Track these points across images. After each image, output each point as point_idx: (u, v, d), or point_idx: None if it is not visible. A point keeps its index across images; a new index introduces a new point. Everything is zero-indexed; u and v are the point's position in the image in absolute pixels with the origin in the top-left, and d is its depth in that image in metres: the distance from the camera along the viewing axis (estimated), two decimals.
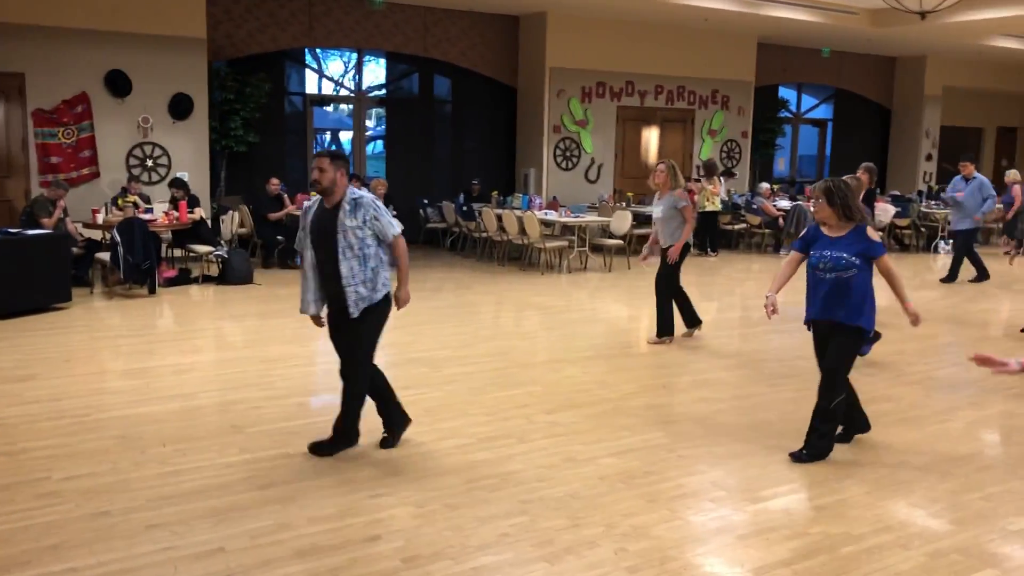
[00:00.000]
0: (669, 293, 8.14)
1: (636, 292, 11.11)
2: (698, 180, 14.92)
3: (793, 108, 19.45)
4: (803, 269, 5.28)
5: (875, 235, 5.09)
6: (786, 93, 19.16)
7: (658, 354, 7.91)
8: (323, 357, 7.55)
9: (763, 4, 14.20)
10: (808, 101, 19.94)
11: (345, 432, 5.07)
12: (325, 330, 5.18)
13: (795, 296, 5.87)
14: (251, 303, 9.79)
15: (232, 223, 11.64)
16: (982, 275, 12.07)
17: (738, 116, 17.17)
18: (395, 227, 5.03)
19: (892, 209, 14.87)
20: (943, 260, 14.71)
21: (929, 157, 20.06)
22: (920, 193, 17.70)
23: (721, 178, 14.85)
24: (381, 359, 7.68)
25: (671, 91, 16.35)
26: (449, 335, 8.41)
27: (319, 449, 5.05)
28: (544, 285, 11.58)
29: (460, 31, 14.91)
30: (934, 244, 15.59)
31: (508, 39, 15.39)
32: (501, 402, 6.18)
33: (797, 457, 5.14)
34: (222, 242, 11.35)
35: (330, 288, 4.92)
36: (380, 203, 5.05)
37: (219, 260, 10.90)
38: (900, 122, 20.26)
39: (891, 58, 19.93)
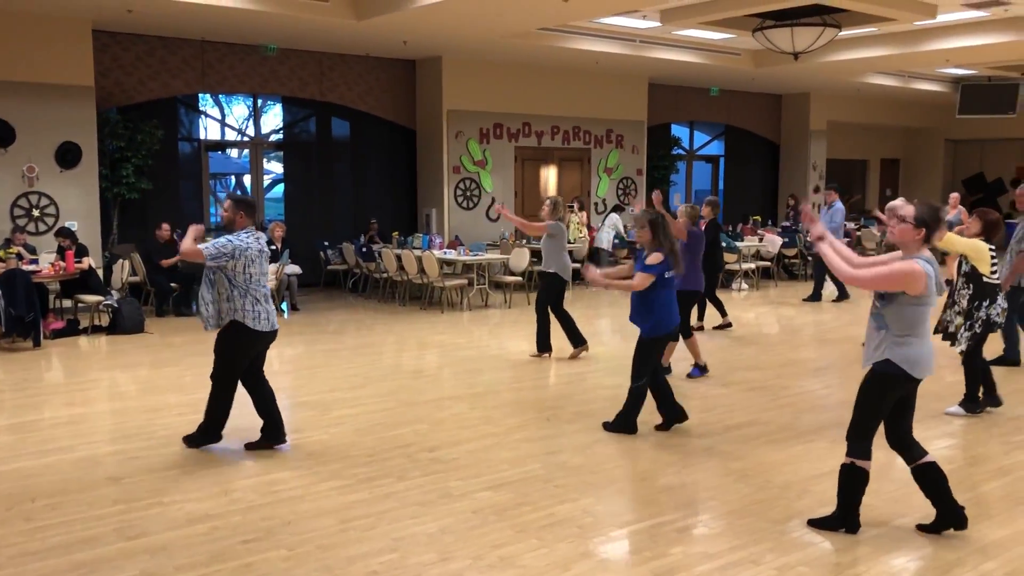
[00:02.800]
0: (550, 312, 9.15)
1: (535, 327, 11.29)
2: (570, 208, 15.49)
3: (686, 145, 20.14)
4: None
5: (655, 259, 6.14)
6: (679, 131, 19.85)
7: (546, 388, 8.10)
8: None
9: (651, 47, 14.76)
10: (700, 138, 20.69)
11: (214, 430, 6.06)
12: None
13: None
14: (142, 352, 9.64)
15: (123, 271, 11.46)
16: (842, 294, 13.15)
17: (633, 154, 17.71)
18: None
19: (779, 240, 15.50)
20: (829, 288, 15.38)
21: (817, 189, 20.97)
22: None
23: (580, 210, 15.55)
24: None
25: (567, 131, 16.79)
26: (342, 377, 8.44)
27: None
28: (445, 323, 11.70)
29: (357, 75, 15.08)
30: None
31: (405, 82, 15.62)
32: (385, 442, 6.25)
33: (606, 425, 6.49)
34: (112, 291, 11.15)
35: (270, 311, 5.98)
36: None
37: (109, 310, 10.70)
38: (788, 156, 21.17)
39: (777, 95, 20.86)
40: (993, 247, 6.79)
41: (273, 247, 12.59)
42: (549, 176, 16.93)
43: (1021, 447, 6.20)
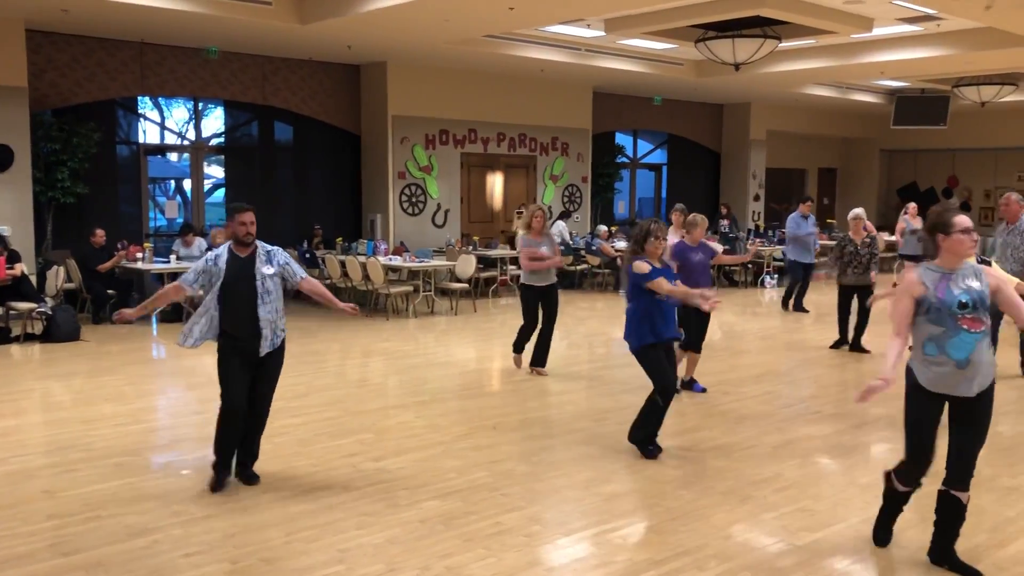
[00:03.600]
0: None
1: (482, 334, 11.32)
2: (518, 214, 15.60)
3: (630, 153, 20.34)
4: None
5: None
6: (623, 139, 20.04)
7: (492, 395, 8.10)
8: (148, 415, 7.36)
9: (595, 56, 14.88)
10: (644, 146, 20.92)
11: (241, 461, 5.52)
12: (154, 387, 5.24)
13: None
14: (78, 361, 9.39)
15: (57, 278, 11.16)
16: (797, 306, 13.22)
17: (578, 162, 17.83)
18: (301, 272, 5.68)
19: (720, 247, 15.69)
20: (769, 294, 15.67)
21: (757, 197, 21.36)
22: (749, 232, 18.78)
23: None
24: (208, 414, 7.55)
25: (513, 138, 16.83)
26: (285, 386, 8.22)
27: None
28: (390, 331, 11.62)
29: (300, 80, 14.92)
30: (760, 279, 16.55)
31: (350, 87, 15.51)
32: (329, 452, 6.18)
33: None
34: (46, 298, 10.85)
35: (245, 329, 5.30)
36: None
37: (43, 317, 10.41)
38: (729, 165, 21.52)
39: (718, 105, 21.19)
40: None
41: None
42: (495, 183, 16.96)
43: None
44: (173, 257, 12.31)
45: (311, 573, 4.24)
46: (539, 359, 8.78)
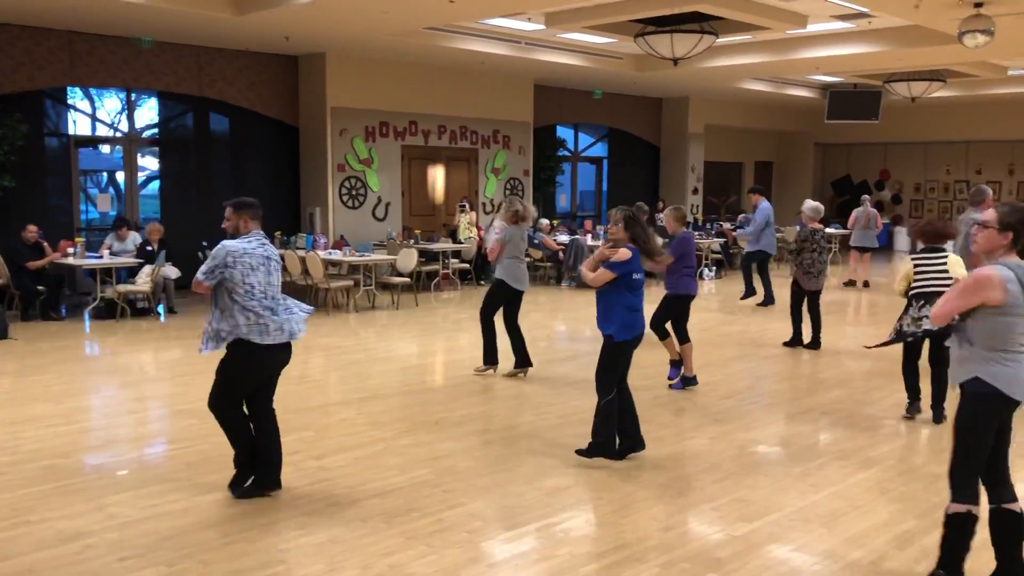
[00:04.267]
0: (494, 322, 8.60)
1: (424, 329, 11.27)
2: (461, 208, 15.62)
3: (571, 147, 20.44)
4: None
5: (622, 256, 5.76)
6: (564, 132, 20.12)
7: (434, 391, 8.08)
8: (81, 415, 7.18)
9: (535, 49, 14.89)
10: (585, 140, 21.03)
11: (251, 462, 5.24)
12: (87, 385, 5.02)
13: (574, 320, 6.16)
14: (6, 360, 9.11)
15: None
16: (768, 299, 13.31)
17: (519, 155, 17.85)
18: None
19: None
20: (708, 285, 15.91)
21: (695, 191, 21.63)
22: (688, 224, 19.00)
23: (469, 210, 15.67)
24: (143, 413, 7.41)
25: (454, 131, 16.77)
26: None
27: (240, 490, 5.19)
28: (331, 326, 11.51)
29: (236, 71, 14.65)
30: (699, 271, 16.78)
31: (287, 79, 15.27)
32: None
33: (581, 452, 5.88)
34: None
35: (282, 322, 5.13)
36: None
37: None
38: (668, 158, 21.75)
39: (658, 99, 21.40)
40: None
41: (149, 248, 12.13)
42: (437, 176, 16.88)
43: None
44: (106, 252, 12.01)
45: (250, 574, 4.19)
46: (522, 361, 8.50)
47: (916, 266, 6.80)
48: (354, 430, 6.65)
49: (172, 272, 12.11)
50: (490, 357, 8.54)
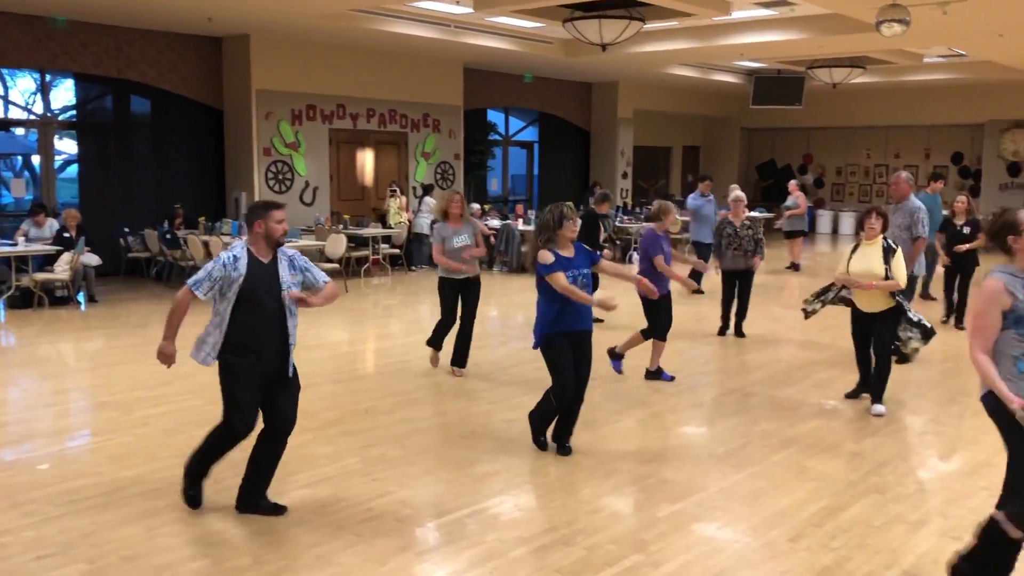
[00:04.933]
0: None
1: (354, 316, 11.17)
2: (391, 192, 15.55)
3: (502, 131, 20.43)
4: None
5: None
6: (495, 117, 20.09)
7: (364, 379, 8.04)
8: None
9: (465, 32, 14.83)
10: (516, 124, 21.04)
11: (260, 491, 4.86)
12: (2, 378, 4.84)
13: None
14: None
15: None
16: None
17: (449, 139, 17.78)
18: (324, 275, 4.87)
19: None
20: (635, 268, 16.08)
21: (625, 175, 21.85)
22: (618, 209, 19.20)
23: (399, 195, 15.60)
24: (63, 405, 7.22)
25: (383, 114, 16.61)
26: (147, 374, 7.99)
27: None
28: None
29: (157, 52, 14.26)
30: (628, 256, 16.98)
31: (211, 61, 14.93)
32: (194, 442, 5.93)
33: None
34: None
35: (270, 347, 4.65)
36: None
37: None
38: (598, 143, 21.91)
39: (587, 84, 21.51)
40: None
41: (67, 235, 11.77)
42: (366, 160, 16.72)
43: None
44: (22, 239, 11.61)
45: (174, 569, 4.14)
46: (459, 359, 8.01)
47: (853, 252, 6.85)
48: None
49: (92, 259, 11.78)
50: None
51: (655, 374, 7.84)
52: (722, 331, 9.95)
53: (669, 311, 7.80)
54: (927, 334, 6.83)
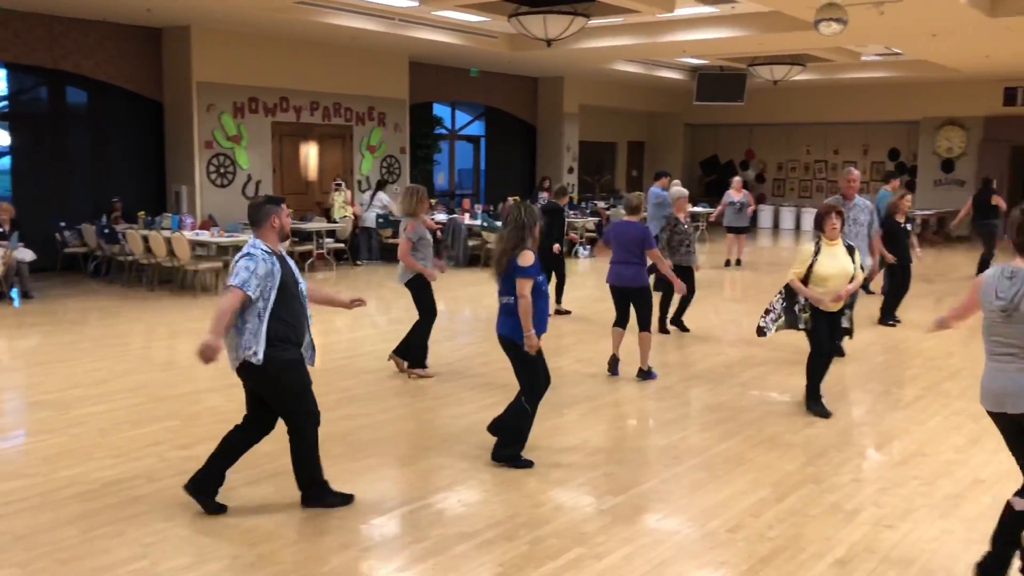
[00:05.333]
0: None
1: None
2: (336, 187, 15.45)
3: (448, 125, 20.38)
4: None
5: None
6: (441, 110, 20.03)
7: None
8: None
9: (410, 26, 14.74)
10: (462, 118, 21.01)
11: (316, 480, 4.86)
12: None
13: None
14: None
15: None
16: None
17: (395, 132, 17.68)
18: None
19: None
20: (583, 264, 16.22)
21: (571, 170, 21.96)
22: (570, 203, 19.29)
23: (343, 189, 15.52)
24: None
25: (327, 107, 16.45)
26: (83, 372, 7.85)
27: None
28: (199, 309, 11.17)
29: (94, 42, 13.91)
30: (574, 250, 17.07)
31: (150, 52, 14.61)
32: (133, 441, 5.91)
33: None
34: None
35: (306, 337, 4.82)
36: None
37: None
38: (545, 138, 21.98)
39: (533, 78, 21.55)
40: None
41: (0, 230, 11.45)
42: (309, 153, 16.54)
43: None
44: None
45: (112, 571, 4.07)
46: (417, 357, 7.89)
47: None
48: (224, 417, 6.48)
49: (26, 255, 11.49)
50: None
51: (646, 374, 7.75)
52: (667, 327, 9.97)
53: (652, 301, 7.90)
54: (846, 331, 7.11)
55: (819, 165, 24.37)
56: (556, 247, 10.36)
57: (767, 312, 6.82)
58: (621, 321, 7.82)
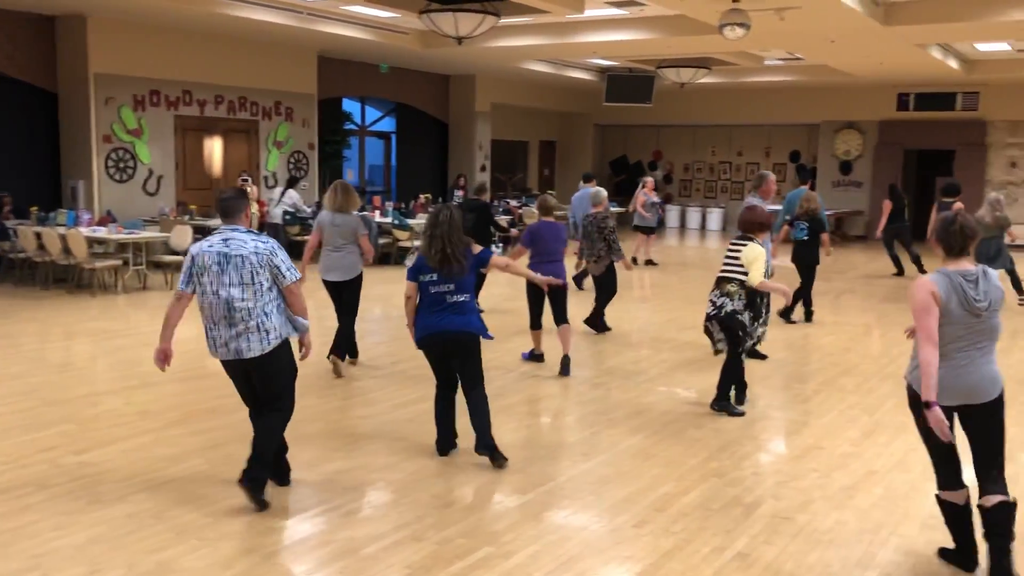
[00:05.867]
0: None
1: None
2: (244, 182, 15.10)
3: (358, 120, 20.13)
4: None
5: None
6: (350, 106, 19.78)
7: (210, 376, 7.76)
8: None
9: (317, 20, 14.50)
10: (372, 114, 20.78)
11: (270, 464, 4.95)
12: None
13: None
14: None
15: None
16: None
17: (303, 128, 17.38)
18: None
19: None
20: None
21: (484, 168, 21.96)
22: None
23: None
24: None
25: (232, 101, 16.06)
26: None
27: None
28: (98, 308, 10.78)
29: None
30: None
31: (43, 41, 14.00)
32: (22, 447, 5.66)
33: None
34: None
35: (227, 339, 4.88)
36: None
37: None
38: (456, 135, 21.93)
39: (445, 76, 21.47)
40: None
41: None
42: (214, 148, 16.12)
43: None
44: None
45: None
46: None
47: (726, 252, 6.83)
48: (122, 421, 6.29)
49: None
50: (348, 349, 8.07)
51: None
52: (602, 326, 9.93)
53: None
54: None
55: (724, 166, 24.98)
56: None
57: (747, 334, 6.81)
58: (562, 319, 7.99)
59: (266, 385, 4.85)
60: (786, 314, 10.53)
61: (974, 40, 15.34)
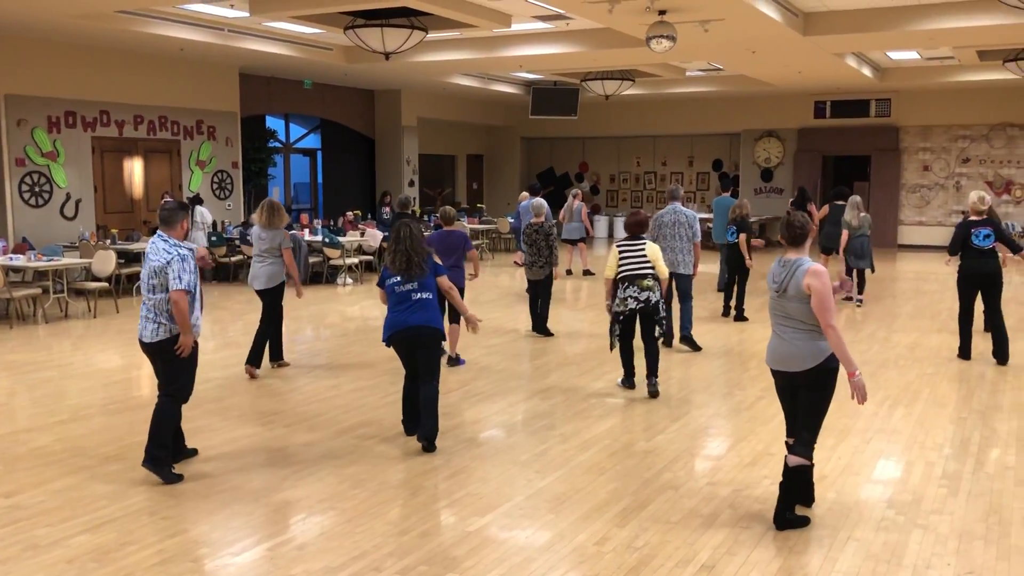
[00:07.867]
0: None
1: (128, 338, 10.38)
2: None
3: (282, 138, 19.80)
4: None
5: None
6: (274, 123, 19.43)
7: (142, 408, 7.46)
8: None
9: (240, 37, 14.22)
10: (297, 131, 20.46)
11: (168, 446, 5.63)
12: None
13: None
14: None
15: None
16: None
17: (227, 146, 17.00)
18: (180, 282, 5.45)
19: (380, 234, 15.89)
20: None
21: (412, 183, 21.82)
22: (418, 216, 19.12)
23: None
24: None
25: (152, 121, 15.62)
26: None
27: None
28: (16, 340, 10.31)
29: None
30: None
31: None
32: None
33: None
34: None
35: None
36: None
37: None
38: (383, 150, 21.74)
39: (370, 91, 21.29)
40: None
41: None
42: (134, 169, 15.64)
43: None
44: None
45: None
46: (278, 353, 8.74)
47: (620, 253, 7.48)
48: (52, 459, 5.98)
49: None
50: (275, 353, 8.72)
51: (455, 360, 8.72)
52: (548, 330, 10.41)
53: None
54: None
55: (648, 176, 25.32)
56: None
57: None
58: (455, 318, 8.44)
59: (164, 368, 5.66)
60: (727, 312, 11.34)
61: (887, 48, 15.86)
